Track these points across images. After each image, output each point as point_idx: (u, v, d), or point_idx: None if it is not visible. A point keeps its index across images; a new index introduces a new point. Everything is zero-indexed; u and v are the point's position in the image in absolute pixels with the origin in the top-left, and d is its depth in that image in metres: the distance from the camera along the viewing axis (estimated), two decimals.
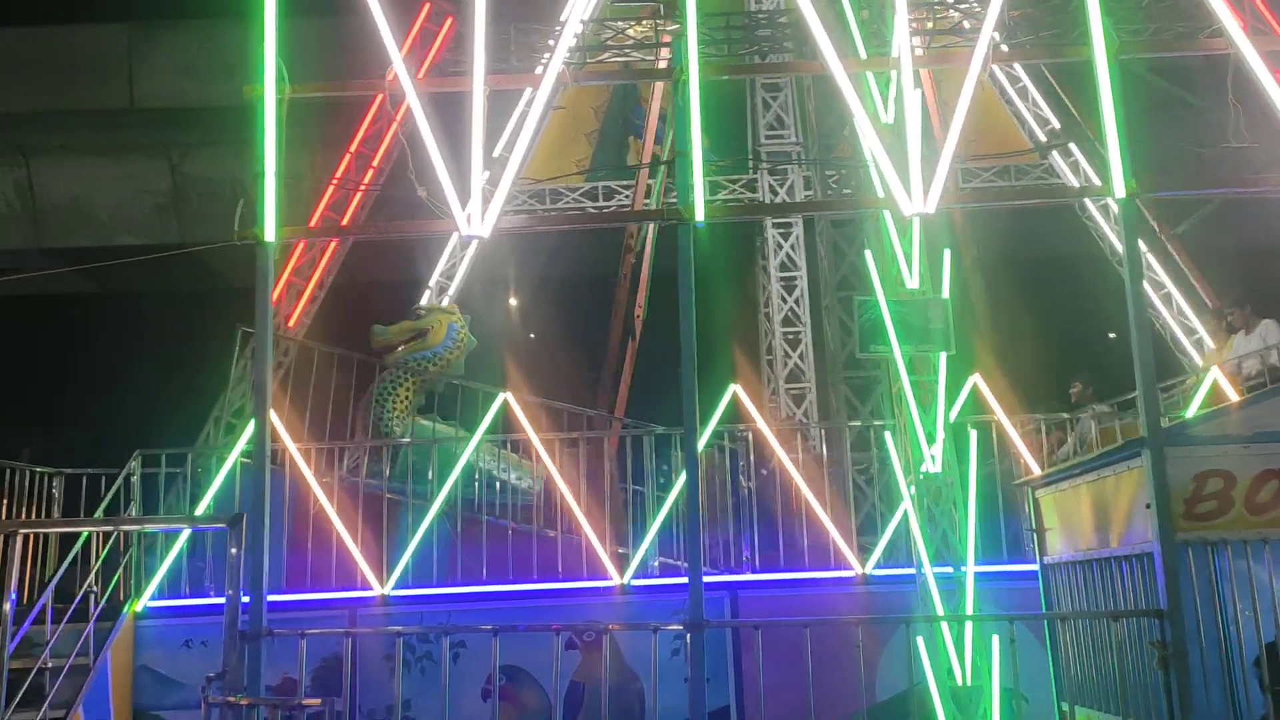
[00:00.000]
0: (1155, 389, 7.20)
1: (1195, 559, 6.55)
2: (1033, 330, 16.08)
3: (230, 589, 7.22)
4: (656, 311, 16.46)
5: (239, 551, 7.29)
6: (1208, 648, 6.45)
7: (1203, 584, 6.51)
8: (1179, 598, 6.51)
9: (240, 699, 6.84)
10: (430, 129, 7.57)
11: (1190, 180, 10.36)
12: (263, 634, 7.18)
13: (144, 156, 20.20)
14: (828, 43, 7.81)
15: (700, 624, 7.21)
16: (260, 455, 7.54)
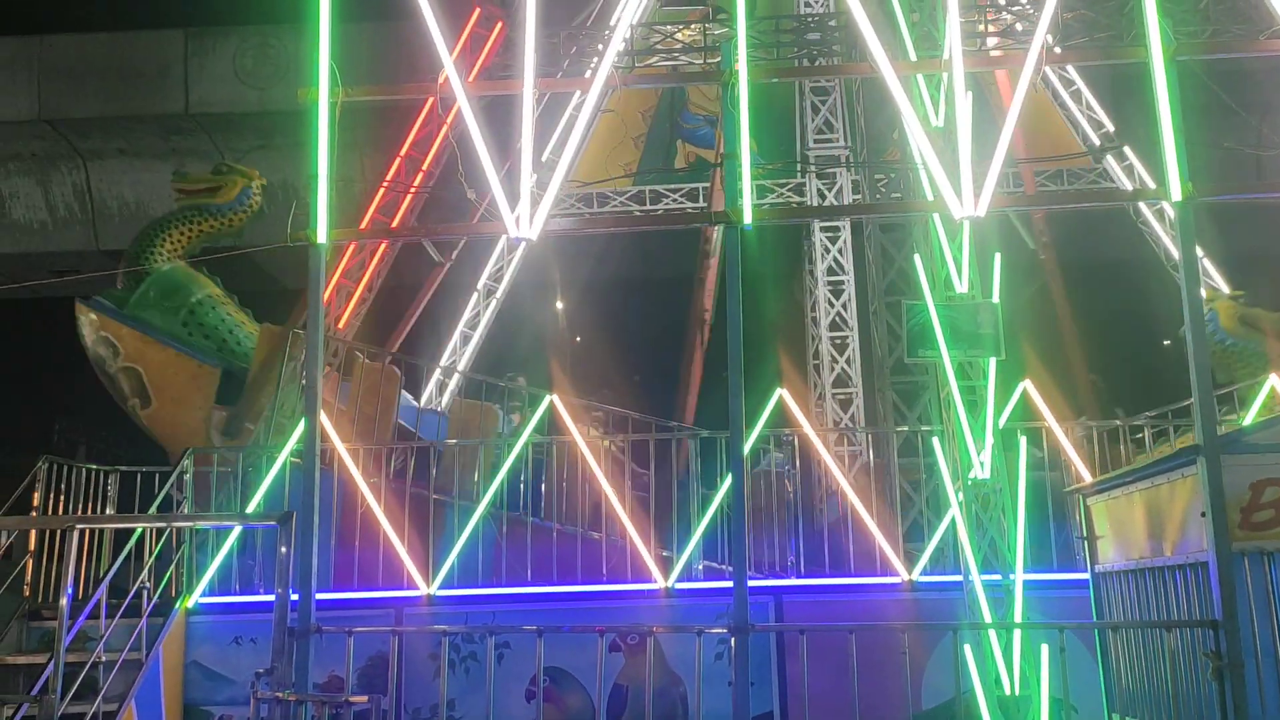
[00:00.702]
0: (1211, 395, 7.06)
1: (1251, 569, 6.41)
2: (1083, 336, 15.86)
3: (280, 587, 7.31)
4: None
5: (289, 550, 7.38)
6: (1264, 660, 6.31)
7: (1259, 595, 6.37)
8: (1235, 608, 6.38)
9: (288, 695, 6.93)
10: (480, 132, 7.62)
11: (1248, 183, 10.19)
12: (311, 631, 7.26)
13: (199, 160, 20.56)
14: (878, 45, 7.76)
15: (745, 628, 7.18)
16: (310, 455, 7.63)
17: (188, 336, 11.85)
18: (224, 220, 12.58)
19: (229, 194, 12.56)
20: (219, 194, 12.55)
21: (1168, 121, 7.15)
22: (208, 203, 12.49)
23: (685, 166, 16.80)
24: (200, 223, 12.46)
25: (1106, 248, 17.42)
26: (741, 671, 7.18)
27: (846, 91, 16.67)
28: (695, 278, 16.15)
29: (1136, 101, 14.53)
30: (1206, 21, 13.51)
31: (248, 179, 12.83)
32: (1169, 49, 7.25)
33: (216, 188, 12.57)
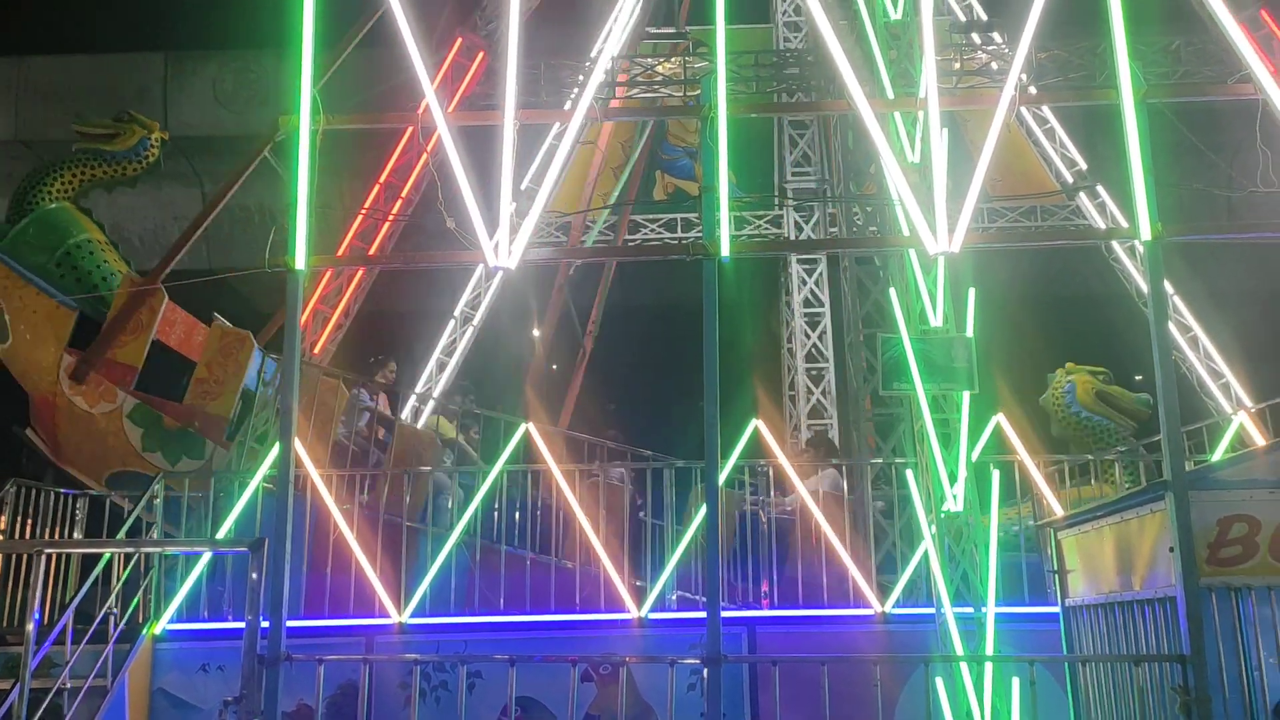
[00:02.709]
0: (1180, 431, 7.15)
1: (1219, 604, 6.47)
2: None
3: (250, 613, 7.25)
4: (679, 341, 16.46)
5: (259, 576, 7.32)
6: (1230, 694, 6.36)
7: (1226, 630, 6.43)
8: (1202, 643, 6.43)
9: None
10: (460, 161, 7.66)
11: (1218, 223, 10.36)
12: (281, 659, 7.20)
13: (177, 184, 20.49)
14: (855, 82, 7.87)
15: (718, 658, 7.18)
16: (284, 480, 7.60)
17: (59, 278, 11.68)
18: (119, 167, 12.51)
19: (127, 142, 12.50)
20: (116, 141, 12.46)
21: (1138, 162, 7.28)
22: (103, 148, 12.43)
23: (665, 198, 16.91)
24: (94, 167, 12.37)
25: (1080, 283, 17.63)
26: (714, 702, 7.17)
27: (824, 125, 16.86)
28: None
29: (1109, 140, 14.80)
30: (1177, 64, 13.79)
31: (147, 130, 12.77)
32: (1139, 91, 7.40)
33: (114, 134, 12.53)
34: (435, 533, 10.60)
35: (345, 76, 11.24)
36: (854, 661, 8.05)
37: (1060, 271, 17.61)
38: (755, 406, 12.81)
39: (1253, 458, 7.18)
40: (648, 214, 17.01)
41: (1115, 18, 7.48)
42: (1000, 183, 16.01)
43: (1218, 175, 11.69)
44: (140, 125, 12.79)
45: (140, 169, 12.68)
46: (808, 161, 17.07)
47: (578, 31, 16.33)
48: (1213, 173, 13.55)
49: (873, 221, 14.18)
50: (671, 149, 17.30)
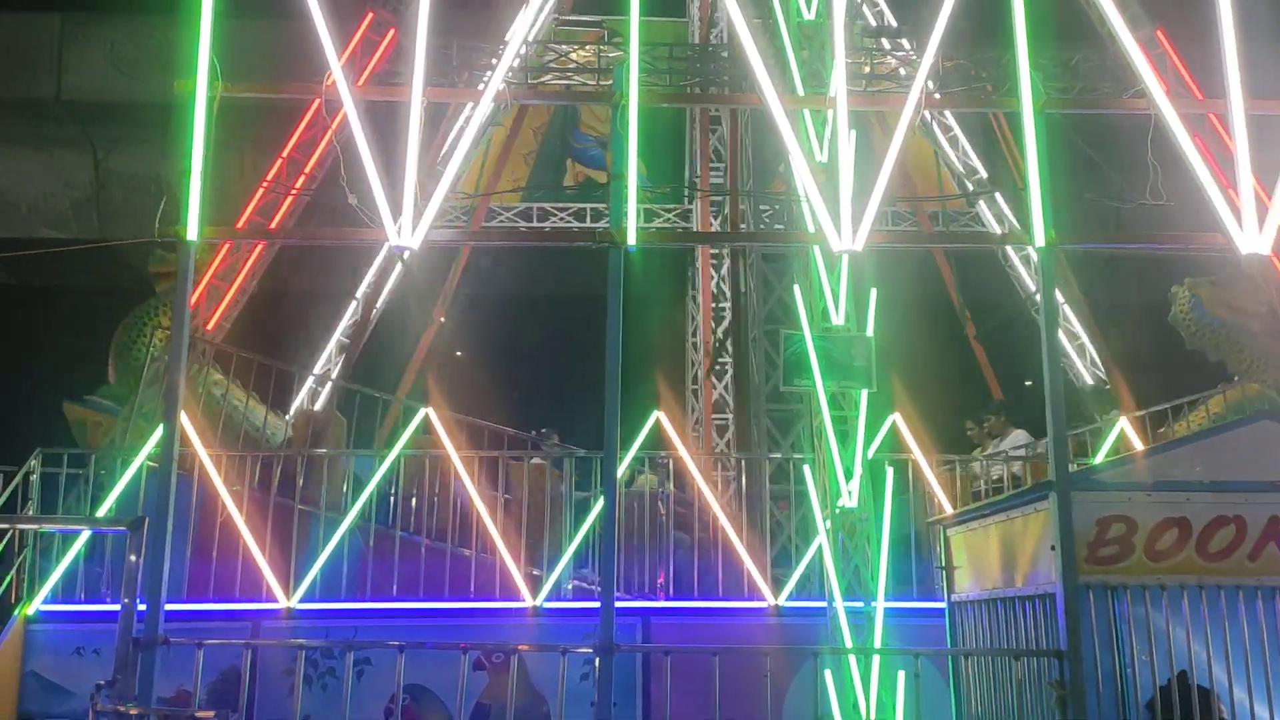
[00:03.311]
0: (1065, 435, 7.37)
1: (1096, 602, 6.69)
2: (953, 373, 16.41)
3: (126, 595, 6.98)
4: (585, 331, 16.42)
5: (138, 557, 7.06)
6: (1104, 689, 6.58)
7: (1101, 626, 6.65)
8: (1079, 639, 6.64)
9: (130, 708, 6.60)
10: (366, 138, 7.49)
11: (1109, 234, 10.72)
12: (157, 643, 6.96)
13: (67, 149, 19.71)
14: (766, 77, 7.91)
15: (610, 648, 7.16)
16: (168, 459, 7.33)
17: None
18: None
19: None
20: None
21: (1035, 170, 7.47)
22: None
23: (574, 186, 16.84)
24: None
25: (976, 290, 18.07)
26: (605, 692, 7.16)
27: (735, 123, 16.98)
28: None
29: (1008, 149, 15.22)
30: (1076, 78, 14.23)
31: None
32: (1039, 101, 7.59)
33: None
34: (329, 517, 10.38)
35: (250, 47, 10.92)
36: (745, 652, 8.11)
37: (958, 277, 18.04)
38: (657, 399, 12.82)
39: (1132, 461, 7.46)
40: (557, 202, 16.91)
41: (1018, 29, 7.67)
42: (906, 188, 16.34)
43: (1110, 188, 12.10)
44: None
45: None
46: (719, 157, 17.17)
47: (493, 16, 16.14)
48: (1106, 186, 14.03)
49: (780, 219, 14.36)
50: (583, 138, 17.23)
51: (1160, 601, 6.64)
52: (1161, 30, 13.50)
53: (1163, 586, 6.66)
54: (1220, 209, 7.44)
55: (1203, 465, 6.86)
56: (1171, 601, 6.63)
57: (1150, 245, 8.26)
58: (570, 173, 17.20)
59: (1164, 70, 13.49)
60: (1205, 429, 9.33)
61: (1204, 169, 7.51)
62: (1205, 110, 10.03)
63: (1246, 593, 6.64)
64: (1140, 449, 10.35)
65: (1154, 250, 8.66)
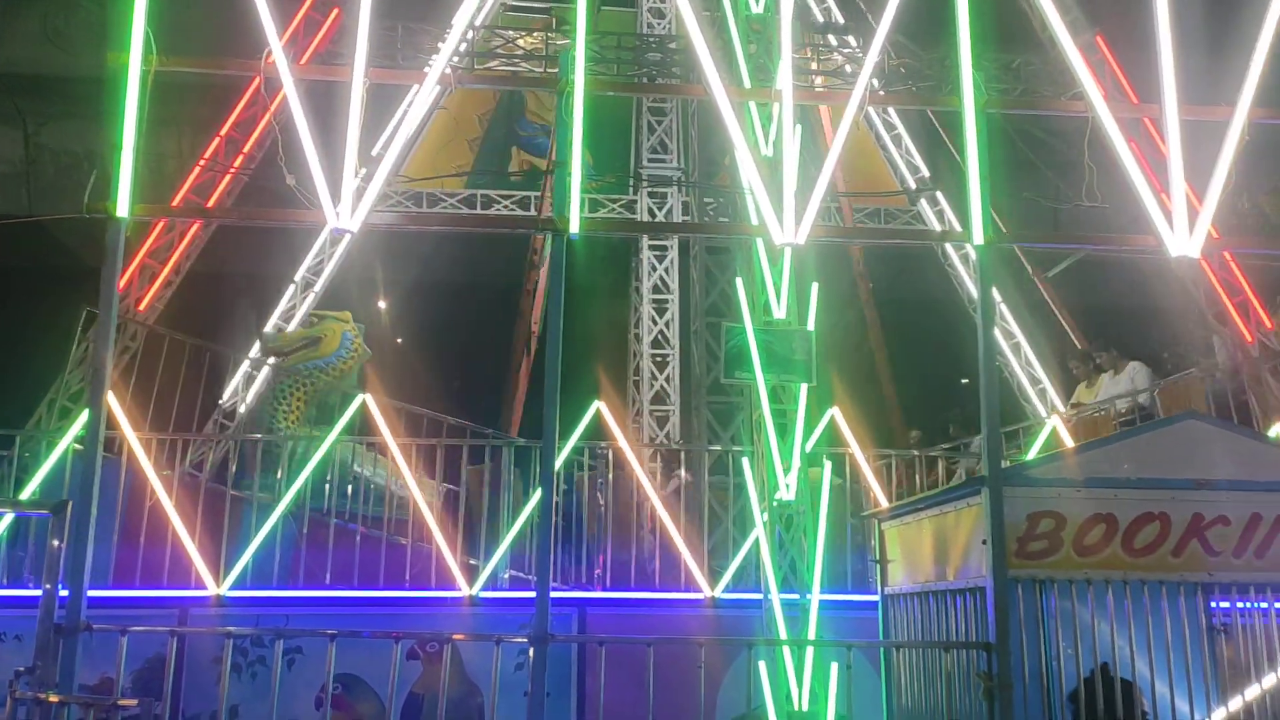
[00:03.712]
0: (999, 432, 7.48)
1: (1024, 595, 6.80)
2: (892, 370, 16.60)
3: (48, 580, 6.81)
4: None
5: (61, 541, 6.88)
6: (1030, 681, 6.69)
7: (1029, 620, 6.76)
8: (1007, 632, 6.75)
9: (50, 696, 6.44)
10: (306, 118, 7.35)
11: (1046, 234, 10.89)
12: (80, 629, 6.79)
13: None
14: (713, 68, 7.91)
15: (545, 637, 7.13)
16: (93, 442, 7.15)
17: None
18: (334, 371, 11.86)
19: (331, 344, 11.83)
20: (321, 346, 11.80)
21: (975, 169, 7.56)
22: (313, 358, 11.71)
23: (519, 173, 16.73)
24: (315, 382, 11.67)
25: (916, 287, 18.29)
26: (538, 682, 7.12)
27: (682, 115, 16.99)
28: (522, 289, 16.08)
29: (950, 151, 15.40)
30: (1017, 81, 14.44)
31: (341, 322, 12.17)
32: (980, 100, 7.68)
33: (316, 339, 11.82)
34: (262, 503, 10.21)
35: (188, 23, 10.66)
36: (680, 643, 8.13)
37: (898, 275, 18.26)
38: (598, 389, 12.80)
39: (1062, 458, 7.57)
40: (501, 189, 16.78)
41: (961, 30, 7.74)
42: (849, 185, 16.47)
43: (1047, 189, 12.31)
44: (334, 319, 12.09)
45: (354, 364, 12.02)
46: (664, 149, 17.17)
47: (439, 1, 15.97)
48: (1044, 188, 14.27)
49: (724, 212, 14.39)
50: (529, 125, 17.12)
51: (1086, 596, 6.76)
52: (1101, 36, 13.75)
53: (1089, 581, 6.78)
54: (1152, 212, 7.59)
55: (1131, 463, 7.00)
56: (1097, 596, 6.76)
57: (1085, 245, 8.42)
58: (515, 160, 17.08)
59: (1102, 75, 13.74)
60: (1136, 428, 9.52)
61: (1138, 172, 7.65)
62: (1141, 114, 10.23)
63: (1169, 588, 6.79)
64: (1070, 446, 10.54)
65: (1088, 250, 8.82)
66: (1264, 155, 9.32)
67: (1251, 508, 6.88)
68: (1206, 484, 6.89)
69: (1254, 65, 7.65)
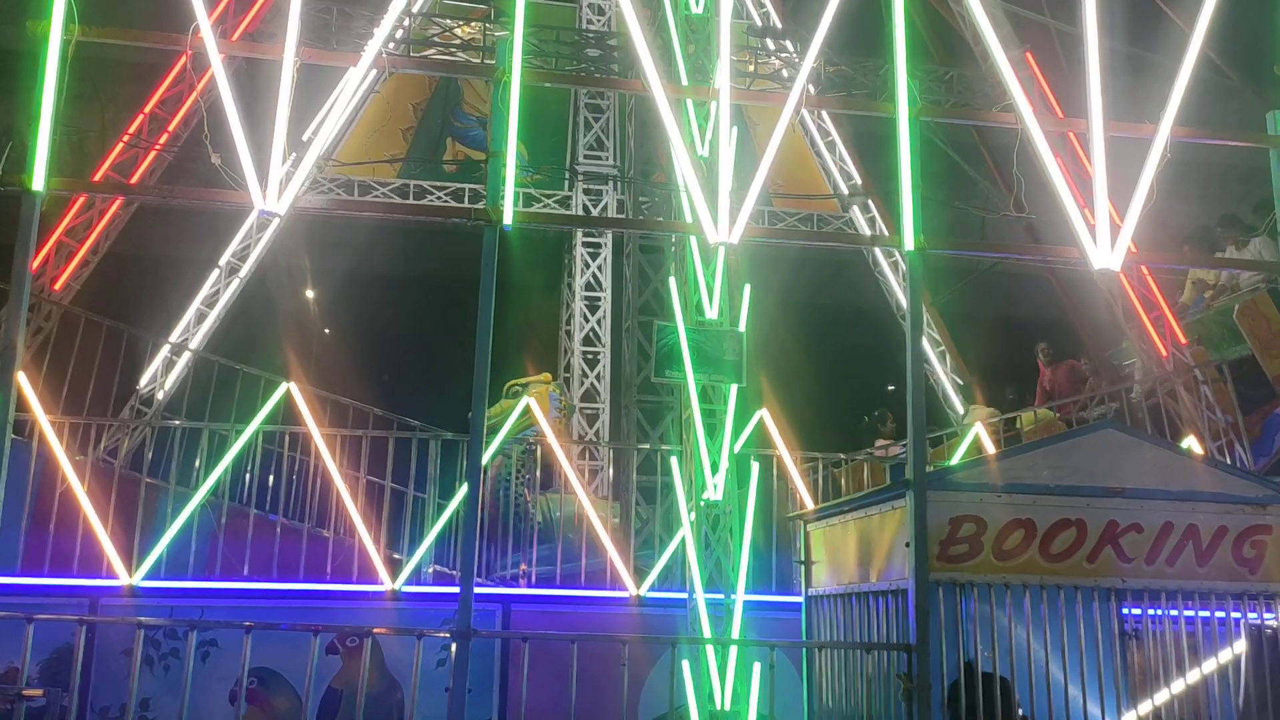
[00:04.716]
0: (924, 436, 7.57)
1: (945, 598, 6.89)
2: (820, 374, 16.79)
3: None
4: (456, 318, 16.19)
5: None
6: (949, 683, 6.79)
7: (949, 622, 6.86)
8: (927, 633, 6.84)
9: None
10: (234, 97, 7.17)
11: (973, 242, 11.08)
12: None
13: None
14: (651, 65, 7.89)
15: (468, 633, 7.05)
16: (2, 424, 6.89)
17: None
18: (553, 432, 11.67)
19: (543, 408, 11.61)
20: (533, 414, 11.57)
21: (907, 175, 7.64)
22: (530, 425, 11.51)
23: (454, 164, 16.55)
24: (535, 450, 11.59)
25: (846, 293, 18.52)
26: (460, 677, 7.04)
27: (620, 112, 16.97)
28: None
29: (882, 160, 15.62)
30: (950, 93, 14.68)
31: (544, 384, 12.26)
32: (914, 108, 7.77)
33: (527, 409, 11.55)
34: (179, 493, 9.96)
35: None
36: (604, 641, 8.10)
37: (830, 281, 18.47)
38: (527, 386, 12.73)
39: (984, 464, 7.69)
40: (435, 180, 16.60)
41: (897, 38, 7.83)
42: (784, 189, 16.60)
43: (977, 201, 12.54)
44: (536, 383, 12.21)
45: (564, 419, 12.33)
46: (601, 146, 17.13)
47: None
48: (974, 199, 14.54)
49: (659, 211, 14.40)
50: (465, 117, 16.94)
51: (1004, 599, 6.88)
52: (1030, 54, 14.04)
53: (1007, 585, 6.90)
54: (1076, 225, 7.75)
55: (1050, 469, 7.13)
56: (1015, 599, 6.88)
57: (1011, 255, 8.57)
58: (450, 151, 16.88)
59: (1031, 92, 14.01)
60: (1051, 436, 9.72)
61: (1064, 186, 7.81)
62: (1067, 128, 10.45)
63: (1084, 593, 6.94)
64: (992, 453, 10.74)
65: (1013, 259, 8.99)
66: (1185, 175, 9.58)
67: (1164, 516, 7.06)
68: (1121, 492, 7.06)
69: (1177, 86, 7.85)
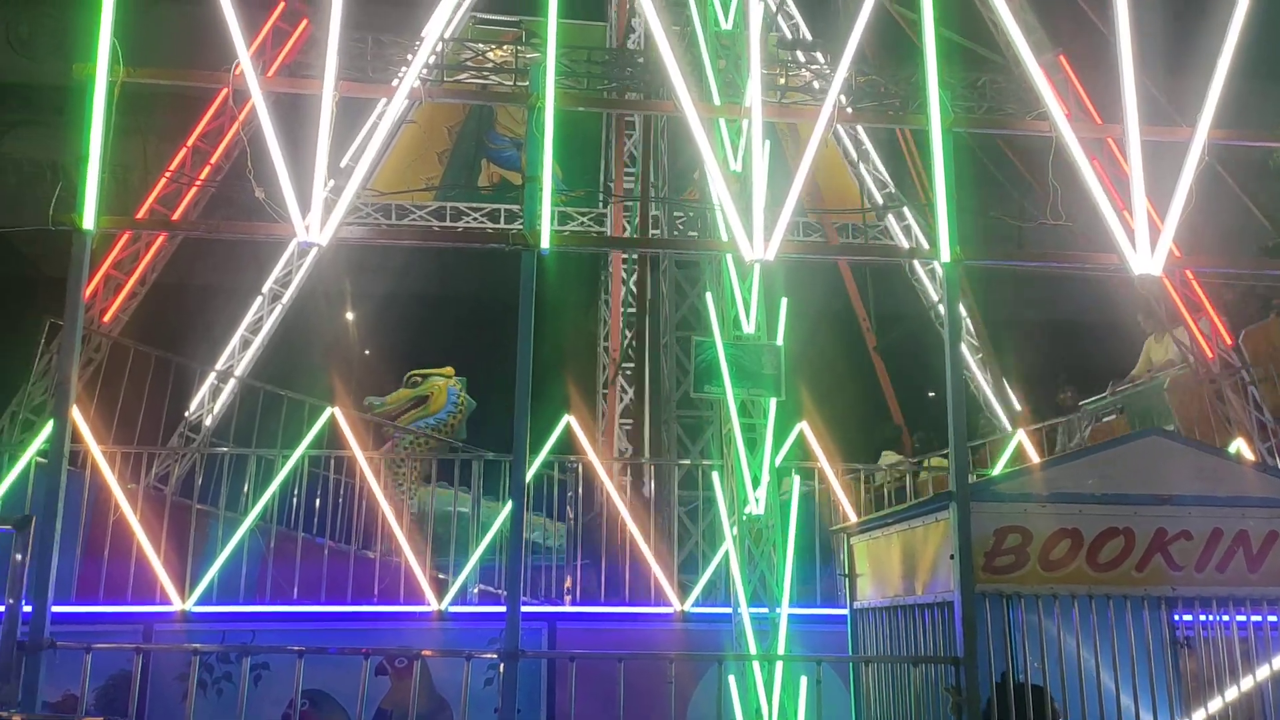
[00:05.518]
0: (965, 446, 7.54)
1: (991, 609, 6.86)
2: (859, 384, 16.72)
3: (11, 596, 6.71)
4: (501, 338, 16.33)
5: (24, 557, 6.78)
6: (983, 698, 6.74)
7: (996, 634, 6.82)
8: (975, 646, 6.80)
9: (13, 715, 6.35)
10: (274, 130, 7.31)
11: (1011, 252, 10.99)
12: (44, 646, 6.69)
13: None
14: (683, 84, 7.95)
15: (515, 653, 7.10)
16: (57, 455, 7.05)
17: None
18: (445, 429, 12.02)
19: (439, 402, 11.94)
20: (429, 404, 11.92)
21: (941, 187, 7.64)
22: (423, 417, 11.83)
23: (489, 186, 16.71)
24: (429, 442, 11.81)
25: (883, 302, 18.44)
26: (509, 697, 7.10)
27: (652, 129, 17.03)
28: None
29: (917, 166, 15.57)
30: (983, 99, 14.61)
31: (446, 378, 12.33)
32: (947, 119, 7.77)
33: (424, 399, 11.84)
34: (228, 518, 10.12)
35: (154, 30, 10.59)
36: (650, 658, 8.13)
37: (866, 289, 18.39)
38: (567, 403, 12.80)
39: (1028, 473, 7.65)
40: (471, 202, 16.76)
41: (928, 47, 7.83)
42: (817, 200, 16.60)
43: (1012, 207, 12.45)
44: (437, 376, 12.24)
45: (462, 417, 12.19)
46: (634, 163, 17.21)
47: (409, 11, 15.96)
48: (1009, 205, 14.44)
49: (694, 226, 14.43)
50: (499, 138, 17.12)
51: (1053, 610, 6.83)
52: (1064, 56, 13.95)
53: (1055, 595, 6.86)
54: (1115, 230, 7.70)
55: (1096, 478, 7.08)
56: (1063, 610, 6.84)
57: (1049, 264, 8.51)
58: (485, 173, 17.06)
59: (1065, 94, 13.93)
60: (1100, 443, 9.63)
61: (1100, 191, 7.76)
62: (1103, 135, 10.38)
63: (1134, 602, 6.87)
64: (1036, 461, 10.65)
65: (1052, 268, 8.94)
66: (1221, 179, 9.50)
67: (1213, 522, 6.98)
68: (1169, 499, 7.00)
69: (1213, 87, 7.79)
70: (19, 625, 6.68)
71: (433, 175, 16.62)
